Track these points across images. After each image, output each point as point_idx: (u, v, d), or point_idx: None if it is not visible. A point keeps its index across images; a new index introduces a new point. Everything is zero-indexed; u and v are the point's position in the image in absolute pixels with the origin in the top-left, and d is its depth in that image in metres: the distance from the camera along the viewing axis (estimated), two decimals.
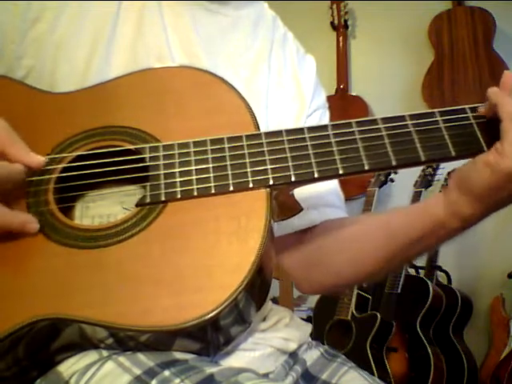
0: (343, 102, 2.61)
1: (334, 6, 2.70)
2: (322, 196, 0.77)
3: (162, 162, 0.57)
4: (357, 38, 2.80)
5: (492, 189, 0.54)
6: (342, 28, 2.71)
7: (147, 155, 0.57)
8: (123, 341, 0.53)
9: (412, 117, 0.57)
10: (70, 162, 0.59)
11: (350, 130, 0.57)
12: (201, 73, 0.64)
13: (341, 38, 2.71)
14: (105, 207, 0.61)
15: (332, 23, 2.71)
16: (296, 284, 0.80)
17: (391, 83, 2.58)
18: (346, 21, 2.70)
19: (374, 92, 2.55)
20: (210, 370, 0.52)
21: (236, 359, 0.62)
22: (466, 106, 0.58)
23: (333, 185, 0.80)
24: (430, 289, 1.97)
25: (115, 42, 0.68)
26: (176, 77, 0.64)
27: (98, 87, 0.64)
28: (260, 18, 0.81)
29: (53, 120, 0.62)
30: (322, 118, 0.83)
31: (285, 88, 0.79)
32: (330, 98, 0.87)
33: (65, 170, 0.59)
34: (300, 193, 0.68)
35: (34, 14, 0.66)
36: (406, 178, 2.20)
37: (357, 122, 0.58)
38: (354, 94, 2.66)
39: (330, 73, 2.66)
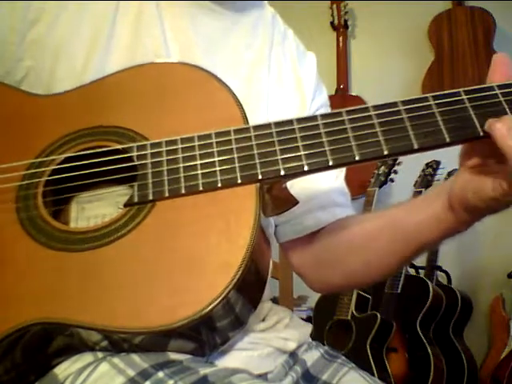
0: (343, 101, 2.62)
1: (334, 6, 2.70)
2: (329, 195, 0.77)
3: (149, 160, 0.56)
4: (357, 38, 2.80)
5: (498, 209, 0.56)
6: (341, 28, 2.71)
7: (134, 154, 0.57)
8: (118, 343, 0.53)
9: (404, 103, 0.55)
10: (59, 164, 0.58)
11: (340, 119, 0.55)
12: (193, 69, 0.62)
13: (341, 38, 2.72)
14: (100, 208, 0.61)
15: (332, 23, 2.72)
16: (307, 283, 0.80)
17: (391, 83, 2.58)
18: (346, 21, 2.70)
19: (373, 92, 2.55)
20: (204, 370, 0.52)
21: (234, 359, 0.61)
22: (461, 89, 0.55)
23: (339, 183, 0.80)
24: (430, 289, 1.97)
25: (113, 41, 0.68)
26: (166, 73, 0.63)
27: (89, 86, 0.63)
28: (260, 16, 0.81)
29: (44, 122, 0.62)
30: None
31: (285, 86, 0.79)
32: (330, 98, 0.87)
33: (55, 172, 0.58)
34: (307, 193, 0.68)
35: (32, 15, 0.66)
36: (406, 178, 2.20)
37: (347, 111, 0.55)
38: (353, 94, 2.67)
39: (330, 73, 2.66)
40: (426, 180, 2.15)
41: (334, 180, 0.79)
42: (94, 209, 0.61)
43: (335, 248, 0.74)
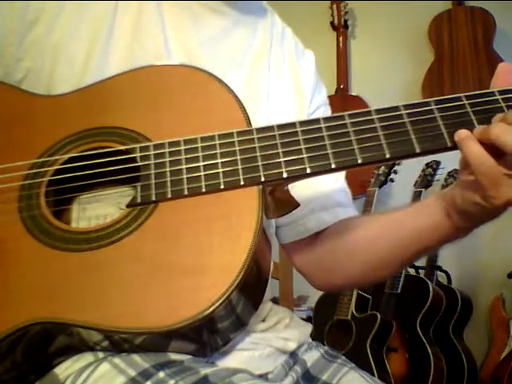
0: (343, 101, 2.61)
1: (334, 6, 2.70)
2: (331, 196, 0.77)
3: (152, 161, 0.56)
4: (357, 37, 2.80)
5: (489, 215, 0.58)
6: (342, 28, 2.71)
7: (137, 155, 0.57)
8: (119, 343, 0.53)
9: (406, 107, 0.55)
10: (62, 164, 0.58)
11: (343, 122, 0.55)
12: (194, 70, 0.63)
13: (341, 38, 2.71)
14: (101, 208, 0.61)
15: (332, 23, 2.71)
16: (309, 281, 0.81)
17: (391, 83, 2.57)
18: (346, 21, 2.69)
19: (373, 92, 2.55)
20: (205, 371, 0.52)
21: (235, 359, 0.61)
22: (462, 94, 0.55)
23: (341, 183, 0.80)
24: (430, 289, 1.97)
25: (112, 42, 0.68)
26: (169, 75, 0.63)
27: (91, 88, 0.63)
28: (260, 16, 0.81)
29: (46, 123, 0.62)
30: (325, 114, 0.82)
31: (284, 86, 0.79)
32: (329, 98, 0.87)
33: (57, 172, 0.58)
34: (309, 194, 0.68)
35: (32, 16, 0.66)
36: (406, 178, 2.20)
37: (350, 115, 0.56)
38: (353, 93, 2.66)
39: (330, 73, 2.66)
40: (425, 180, 2.15)
41: (334, 180, 0.79)
42: (96, 209, 0.61)
43: (338, 251, 0.74)
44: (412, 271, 2.15)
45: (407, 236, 0.67)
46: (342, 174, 0.81)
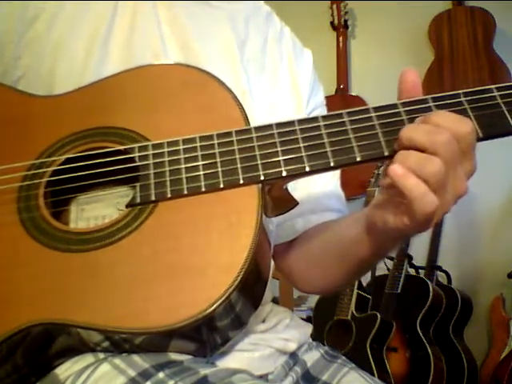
0: (343, 102, 2.61)
1: (334, 6, 2.70)
2: (321, 201, 0.77)
3: (151, 161, 0.56)
4: (357, 37, 2.80)
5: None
6: (342, 28, 2.71)
7: (136, 155, 0.57)
8: (119, 343, 0.53)
9: (405, 104, 0.55)
10: (60, 165, 0.58)
11: (341, 120, 0.55)
12: (191, 70, 0.63)
13: (341, 38, 2.71)
14: (100, 209, 0.61)
15: (332, 23, 2.71)
16: (293, 285, 0.81)
17: (391, 83, 2.54)
18: (346, 21, 2.70)
19: (373, 92, 2.54)
20: (205, 371, 0.52)
21: (235, 360, 0.61)
22: (460, 91, 0.55)
23: (332, 187, 0.80)
24: (430, 289, 1.98)
25: (111, 41, 0.68)
26: (166, 74, 0.63)
27: (90, 87, 0.63)
28: (253, 14, 0.81)
29: (44, 123, 0.62)
30: None
31: (281, 86, 0.79)
32: (329, 98, 0.87)
33: (56, 173, 0.58)
34: (299, 197, 0.68)
35: (32, 14, 0.67)
36: None
37: (348, 113, 0.55)
38: (353, 93, 2.66)
39: (330, 73, 2.66)
40: None
41: (326, 184, 0.79)
42: (94, 210, 0.61)
43: (311, 253, 0.74)
44: (412, 271, 2.15)
45: (344, 244, 0.67)
46: (334, 177, 0.81)
